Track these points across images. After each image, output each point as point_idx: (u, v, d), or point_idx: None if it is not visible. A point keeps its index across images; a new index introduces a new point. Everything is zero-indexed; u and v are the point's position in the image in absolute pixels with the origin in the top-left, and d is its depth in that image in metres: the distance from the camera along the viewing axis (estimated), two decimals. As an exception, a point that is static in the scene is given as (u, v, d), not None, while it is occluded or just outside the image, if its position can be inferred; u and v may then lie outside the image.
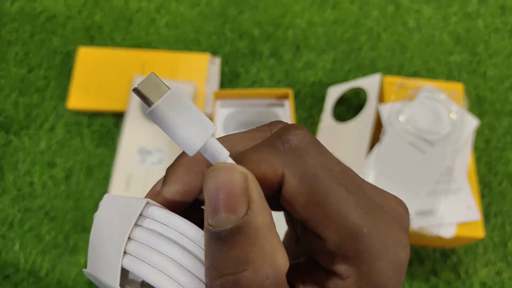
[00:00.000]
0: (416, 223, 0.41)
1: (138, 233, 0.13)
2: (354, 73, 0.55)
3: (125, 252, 0.13)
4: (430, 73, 0.56)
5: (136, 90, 0.12)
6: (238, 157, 0.12)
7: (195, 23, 0.57)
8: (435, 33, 0.58)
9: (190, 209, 0.14)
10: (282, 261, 0.11)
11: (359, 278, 0.12)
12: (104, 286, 0.14)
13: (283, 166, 0.12)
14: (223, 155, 0.12)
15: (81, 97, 0.50)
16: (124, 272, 0.13)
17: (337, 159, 0.13)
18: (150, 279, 0.12)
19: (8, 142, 0.49)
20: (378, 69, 0.55)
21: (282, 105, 0.49)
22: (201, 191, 0.14)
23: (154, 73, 0.12)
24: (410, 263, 0.46)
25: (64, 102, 0.51)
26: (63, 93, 0.52)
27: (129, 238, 0.13)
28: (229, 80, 0.54)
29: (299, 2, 0.59)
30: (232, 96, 0.47)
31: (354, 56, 0.56)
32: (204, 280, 0.12)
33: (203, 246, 0.13)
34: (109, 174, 0.48)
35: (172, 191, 0.14)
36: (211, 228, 0.11)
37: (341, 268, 0.12)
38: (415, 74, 0.55)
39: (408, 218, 0.13)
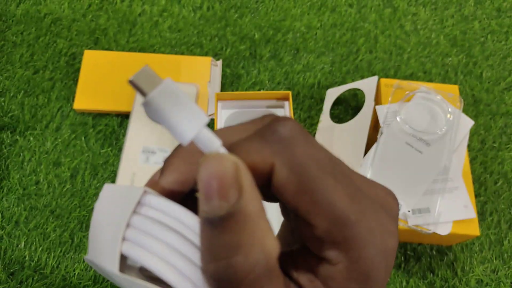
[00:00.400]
0: (413, 221, 0.42)
1: (136, 220, 0.14)
2: (352, 75, 0.56)
3: (124, 239, 0.13)
4: (427, 75, 0.57)
5: (131, 82, 0.13)
6: (230, 147, 0.13)
7: (197, 27, 0.58)
8: (432, 35, 0.59)
9: (187, 198, 0.15)
10: (272, 246, 0.12)
11: (349, 264, 0.12)
12: (104, 271, 0.14)
13: (272, 156, 0.12)
14: (216, 144, 0.13)
15: (86, 98, 0.51)
16: (123, 258, 0.14)
17: (325, 149, 0.13)
18: (148, 265, 0.13)
19: (14, 142, 0.50)
20: (375, 71, 0.56)
21: (282, 106, 0.50)
22: (190, 182, 0.14)
23: (148, 65, 0.13)
24: (407, 261, 0.47)
25: (69, 103, 0.52)
26: (68, 94, 0.53)
27: (128, 225, 0.14)
28: (230, 82, 0.55)
29: (299, 6, 0.60)
30: (233, 97, 0.49)
31: (352, 59, 0.57)
32: (199, 272, 0.13)
33: (195, 231, 0.13)
34: (114, 173, 0.49)
35: (170, 180, 0.14)
36: (204, 214, 0.11)
37: (331, 254, 0.12)
38: (412, 76, 0.56)
39: (397, 207, 0.14)
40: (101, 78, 0.52)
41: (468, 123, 0.47)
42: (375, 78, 0.49)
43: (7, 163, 0.49)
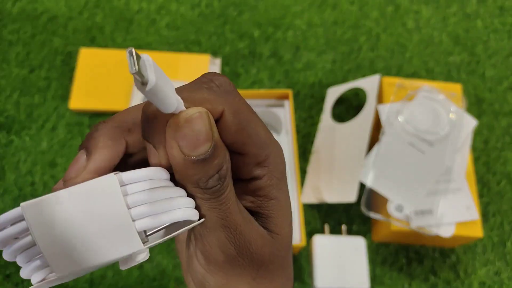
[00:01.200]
0: (416, 223, 0.42)
1: (130, 200, 0.15)
2: (354, 74, 0.55)
3: (133, 220, 0.15)
4: (429, 74, 0.56)
5: (134, 74, 0.13)
6: (188, 99, 0.15)
7: (196, 24, 0.57)
8: (434, 33, 0.58)
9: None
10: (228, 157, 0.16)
11: (269, 173, 0.17)
12: (100, 265, 0.15)
13: (222, 104, 0.16)
14: (181, 104, 0.15)
15: (82, 97, 0.51)
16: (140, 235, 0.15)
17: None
18: (172, 219, 0.15)
19: (10, 142, 0.50)
20: (377, 70, 0.55)
21: (282, 106, 0.49)
22: (125, 152, 0.16)
23: (132, 48, 0.13)
24: (410, 263, 0.47)
25: (65, 102, 0.52)
26: (64, 93, 0.52)
27: (128, 206, 0.15)
28: (229, 80, 0.54)
29: (299, 3, 0.59)
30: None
31: (354, 57, 0.56)
32: (191, 200, 0.16)
33: (168, 178, 0.16)
34: (110, 174, 0.48)
35: (101, 159, 0.16)
36: (194, 157, 0.15)
37: (258, 171, 0.17)
38: (414, 75, 0.56)
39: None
40: (97, 77, 0.52)
41: (471, 122, 0.46)
42: (377, 76, 0.48)
43: (3, 164, 0.48)
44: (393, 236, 0.45)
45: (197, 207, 0.16)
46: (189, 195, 0.16)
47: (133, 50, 0.12)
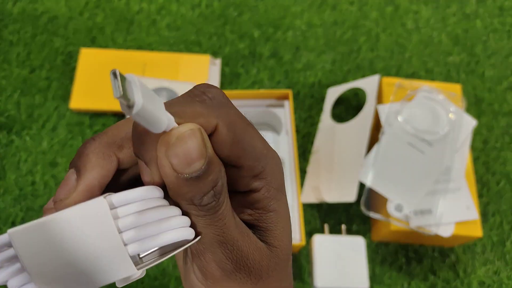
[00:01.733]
0: (415, 222, 0.42)
1: (121, 223, 0.14)
2: (353, 74, 0.55)
3: (124, 244, 0.14)
4: (429, 74, 0.56)
5: (119, 98, 0.12)
6: (179, 114, 0.15)
7: (196, 25, 0.57)
8: (433, 33, 0.58)
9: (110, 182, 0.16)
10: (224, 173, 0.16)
11: (266, 185, 0.17)
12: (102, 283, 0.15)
13: (216, 118, 0.15)
14: (172, 121, 0.14)
15: (83, 97, 0.51)
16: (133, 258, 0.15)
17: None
18: (165, 242, 0.15)
19: (10, 142, 0.50)
20: (377, 70, 0.56)
21: (281, 106, 0.50)
22: (116, 171, 0.16)
23: (116, 70, 0.12)
24: (409, 262, 0.47)
25: (66, 102, 0.52)
26: (64, 93, 0.52)
27: (118, 230, 0.14)
28: (229, 81, 0.54)
29: (299, 4, 0.59)
30: (233, 96, 0.48)
31: (353, 57, 0.56)
32: (187, 218, 0.16)
33: (162, 196, 0.15)
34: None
35: (91, 178, 0.15)
36: (187, 175, 0.14)
37: (255, 184, 0.17)
38: (413, 75, 0.56)
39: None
40: (98, 77, 0.52)
41: (470, 122, 0.47)
42: (377, 76, 0.48)
43: (3, 164, 0.49)
44: (393, 235, 0.45)
45: (192, 225, 0.16)
46: (184, 212, 0.16)
47: (117, 71, 0.12)
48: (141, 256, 0.16)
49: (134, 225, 0.14)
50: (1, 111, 0.51)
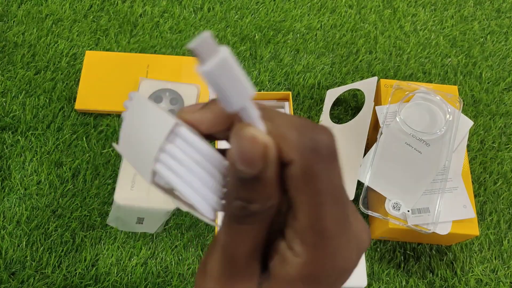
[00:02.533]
0: (413, 221, 0.42)
1: (169, 148, 0.15)
2: (352, 76, 0.56)
3: (157, 160, 0.15)
4: (427, 76, 0.57)
5: (192, 49, 0.13)
6: (269, 117, 0.14)
7: (198, 27, 0.58)
8: (431, 36, 0.59)
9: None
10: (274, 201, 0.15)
11: (307, 262, 0.14)
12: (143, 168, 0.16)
13: (297, 153, 0.14)
14: (255, 114, 0.14)
15: (87, 98, 0.52)
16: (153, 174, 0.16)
17: (341, 177, 0.15)
18: (178, 187, 0.15)
19: (16, 142, 0.51)
20: (375, 72, 0.56)
21: (282, 107, 0.50)
22: (221, 129, 0.16)
23: (208, 33, 0.13)
24: (407, 260, 0.48)
25: (71, 103, 0.53)
26: (69, 94, 0.53)
27: (161, 149, 0.15)
28: (230, 82, 0.55)
29: (299, 7, 0.60)
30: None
31: (352, 59, 0.57)
32: (218, 199, 0.16)
33: (221, 171, 0.16)
34: (115, 173, 0.49)
35: (206, 116, 0.16)
36: (240, 174, 0.14)
37: (298, 248, 0.15)
38: (411, 77, 0.57)
39: (368, 243, 0.16)
40: (102, 79, 0.53)
41: (467, 123, 0.47)
42: (375, 78, 0.49)
43: (9, 163, 0.49)
44: (391, 233, 0.46)
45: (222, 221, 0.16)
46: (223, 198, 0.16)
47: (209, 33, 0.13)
48: (162, 185, 0.17)
49: (178, 160, 0.15)
50: (6, 112, 0.52)
